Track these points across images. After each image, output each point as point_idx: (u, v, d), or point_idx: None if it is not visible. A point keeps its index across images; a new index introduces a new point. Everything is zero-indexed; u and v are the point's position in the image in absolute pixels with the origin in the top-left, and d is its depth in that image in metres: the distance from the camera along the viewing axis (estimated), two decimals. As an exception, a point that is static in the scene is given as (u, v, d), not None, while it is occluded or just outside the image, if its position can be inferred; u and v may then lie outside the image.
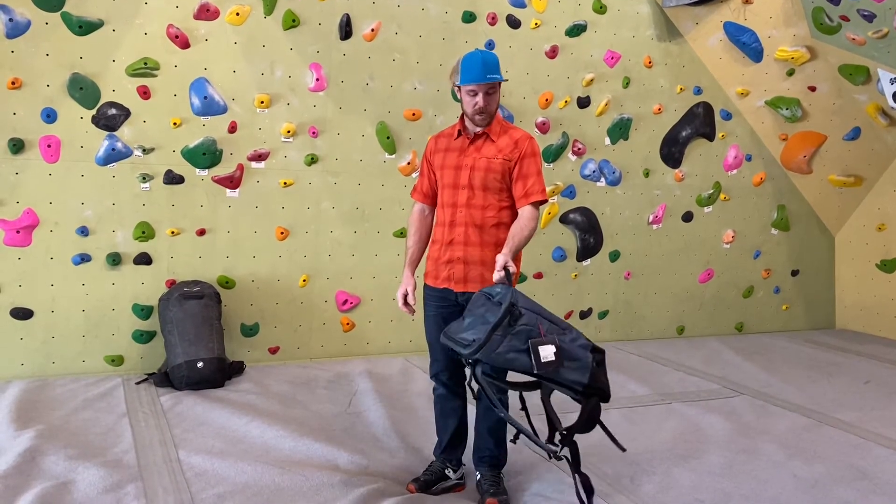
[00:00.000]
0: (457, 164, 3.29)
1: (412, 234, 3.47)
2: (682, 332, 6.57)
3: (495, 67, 3.20)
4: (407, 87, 5.48)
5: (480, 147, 3.27)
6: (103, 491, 3.18)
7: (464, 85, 3.19)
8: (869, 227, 6.81)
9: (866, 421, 4.41)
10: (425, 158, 3.44)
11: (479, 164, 3.24)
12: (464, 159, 3.28)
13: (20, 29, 4.56)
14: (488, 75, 3.17)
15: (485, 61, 3.18)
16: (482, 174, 3.23)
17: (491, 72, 3.18)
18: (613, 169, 6.14)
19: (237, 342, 5.19)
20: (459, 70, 3.21)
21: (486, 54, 3.22)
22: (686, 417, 4.41)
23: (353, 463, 3.56)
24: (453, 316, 3.16)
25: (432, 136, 3.49)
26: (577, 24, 5.86)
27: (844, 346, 6.34)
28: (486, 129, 3.27)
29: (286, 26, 5.13)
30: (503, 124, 3.33)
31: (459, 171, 3.28)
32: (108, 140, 4.81)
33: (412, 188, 3.54)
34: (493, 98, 3.23)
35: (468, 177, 3.25)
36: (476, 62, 3.18)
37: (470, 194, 3.25)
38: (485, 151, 3.26)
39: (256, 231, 5.20)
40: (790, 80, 6.29)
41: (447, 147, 3.35)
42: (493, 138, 3.27)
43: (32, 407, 4.17)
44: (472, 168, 3.25)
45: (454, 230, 3.28)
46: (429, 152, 3.43)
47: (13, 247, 4.68)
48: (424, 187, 3.45)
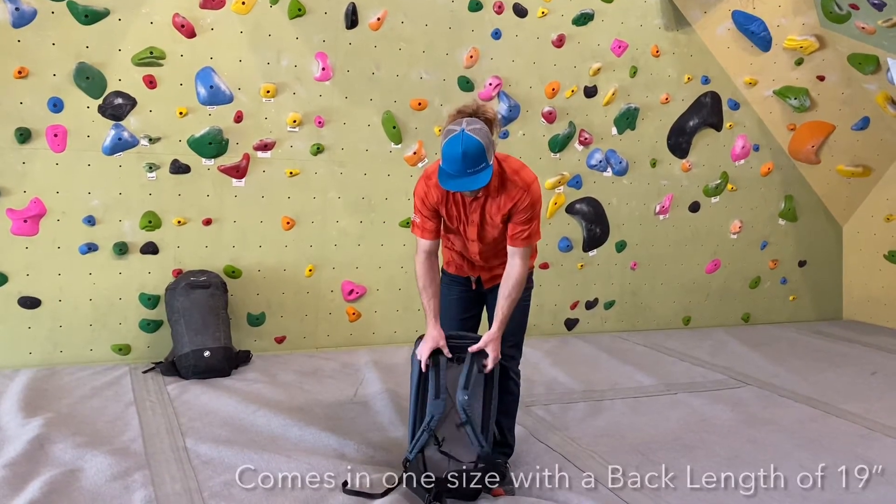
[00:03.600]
0: (462, 218, 3.22)
1: (427, 285, 3.25)
2: (688, 322, 6.56)
3: (479, 158, 2.88)
4: (413, 77, 5.46)
5: (483, 204, 3.16)
6: (111, 478, 3.20)
7: (443, 187, 2.96)
8: (877, 218, 6.77)
9: (873, 411, 4.40)
10: (423, 202, 3.21)
11: (486, 220, 3.19)
12: (469, 215, 3.20)
13: (26, 18, 4.56)
14: (469, 170, 2.88)
15: (466, 156, 2.87)
16: (490, 230, 3.21)
17: (472, 166, 2.88)
18: (620, 159, 6.12)
19: (244, 332, 5.20)
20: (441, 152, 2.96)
21: (469, 145, 2.86)
22: (692, 408, 4.40)
23: (359, 452, 3.57)
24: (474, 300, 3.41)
25: (424, 179, 3.22)
26: (585, 12, 5.82)
27: (852, 336, 6.32)
28: (483, 189, 3.09)
29: (292, 15, 5.11)
30: (501, 175, 3.11)
31: (465, 225, 3.23)
32: (115, 129, 4.81)
33: (413, 227, 3.30)
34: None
35: (476, 233, 3.23)
36: (455, 156, 2.88)
37: (481, 246, 3.27)
38: (488, 209, 3.16)
39: (262, 221, 5.20)
40: (799, 69, 6.25)
41: (453, 200, 3.19)
42: (493, 196, 3.13)
43: (41, 395, 4.19)
44: (479, 225, 3.20)
45: (473, 258, 3.34)
46: (430, 200, 3.19)
47: (21, 236, 4.69)
48: (432, 227, 3.25)
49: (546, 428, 3.97)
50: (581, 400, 4.48)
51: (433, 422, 3.15)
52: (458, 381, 3.17)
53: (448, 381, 3.19)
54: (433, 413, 3.15)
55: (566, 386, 4.75)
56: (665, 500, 3.23)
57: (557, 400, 4.45)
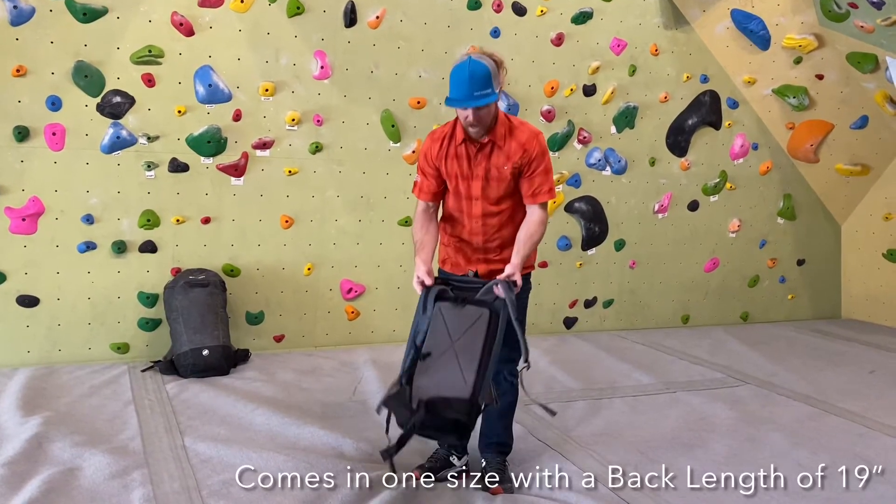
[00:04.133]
0: (466, 173, 3.17)
1: (419, 229, 3.26)
2: (687, 321, 6.56)
3: (485, 82, 2.95)
4: (412, 75, 5.46)
5: (489, 155, 3.13)
6: (109, 477, 3.20)
7: (448, 105, 3.04)
8: (876, 217, 6.78)
9: (871, 410, 4.40)
10: (427, 159, 3.23)
11: (490, 174, 3.13)
12: (473, 169, 3.15)
13: (24, 16, 4.55)
14: (476, 93, 2.94)
15: (472, 77, 2.94)
16: (496, 184, 3.14)
17: (479, 88, 2.94)
18: (619, 157, 6.12)
19: (242, 330, 5.20)
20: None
21: (476, 68, 2.96)
22: (691, 406, 4.41)
23: (357, 450, 3.57)
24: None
25: (430, 137, 3.26)
26: (584, 11, 5.82)
27: (850, 335, 6.32)
28: (491, 136, 3.10)
29: (291, 13, 5.11)
30: (508, 124, 3.15)
31: (470, 181, 3.17)
32: (113, 128, 4.80)
33: (414, 187, 3.33)
34: (487, 110, 3.03)
35: (480, 188, 3.16)
36: (462, 79, 2.95)
37: (485, 205, 3.18)
38: (494, 160, 3.12)
39: (261, 219, 5.20)
40: (797, 68, 6.25)
41: (454, 154, 3.17)
42: (500, 144, 3.12)
43: (39, 394, 4.19)
44: (485, 178, 3.14)
45: (472, 237, 3.23)
46: (433, 155, 3.21)
47: (19, 234, 4.69)
48: (433, 188, 3.25)
49: (544, 426, 3.97)
50: (580, 398, 4.48)
51: (419, 337, 3.06)
52: (461, 323, 3.02)
53: (450, 323, 3.05)
54: (419, 327, 3.05)
55: (565, 384, 4.75)
56: (664, 500, 3.23)
57: (556, 398, 4.45)
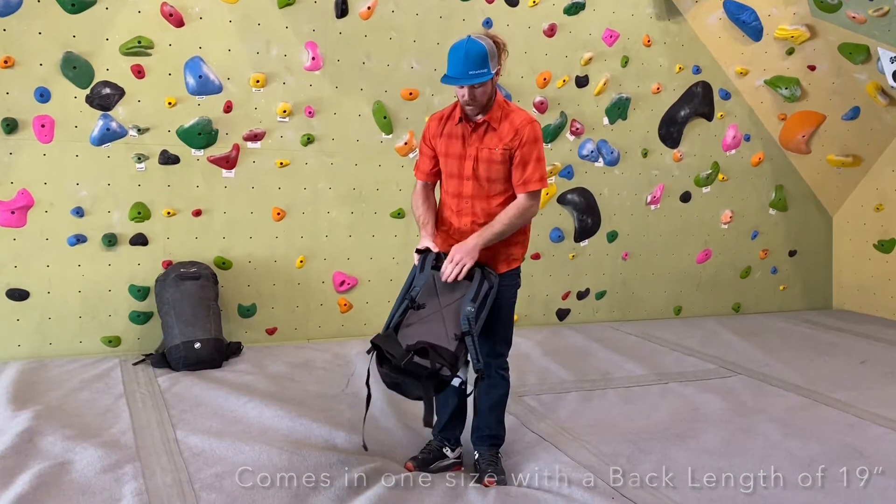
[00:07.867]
0: (460, 153, 3.21)
1: (419, 205, 3.33)
2: (679, 312, 6.58)
3: (481, 62, 3.00)
4: (404, 66, 5.44)
5: (482, 136, 3.18)
6: (101, 471, 3.18)
7: (443, 83, 3.07)
8: (867, 208, 6.80)
9: (862, 400, 4.42)
10: (425, 138, 3.33)
11: (482, 154, 3.17)
12: (467, 148, 3.19)
13: (12, 7, 4.51)
14: (471, 72, 3.00)
15: (468, 56, 3.00)
16: (486, 165, 3.17)
17: (475, 67, 3.00)
18: (612, 149, 6.11)
19: (234, 323, 5.18)
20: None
21: (472, 46, 3.02)
22: (683, 397, 4.42)
23: (350, 442, 3.56)
24: None
25: (431, 117, 3.37)
26: (576, 2, 5.80)
27: (841, 326, 6.35)
28: (487, 116, 3.17)
29: (282, 4, 5.07)
30: (504, 107, 3.20)
31: (463, 161, 3.20)
32: (103, 120, 4.77)
33: (414, 167, 3.44)
34: (483, 89, 3.07)
35: (472, 167, 3.19)
36: (459, 57, 3.01)
37: (475, 185, 3.20)
38: (487, 141, 3.17)
39: (253, 212, 5.18)
40: (790, 59, 6.25)
41: (450, 133, 3.23)
42: (494, 126, 3.16)
43: (30, 388, 4.17)
44: (476, 159, 3.18)
45: (461, 219, 3.24)
46: (430, 134, 3.30)
47: (8, 227, 4.65)
48: (427, 167, 3.34)
49: (537, 418, 3.98)
50: (573, 389, 4.49)
51: (414, 290, 3.10)
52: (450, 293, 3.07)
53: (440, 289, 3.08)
54: (417, 284, 3.10)
55: (557, 376, 4.76)
56: (658, 490, 3.23)
57: (549, 390, 4.46)
